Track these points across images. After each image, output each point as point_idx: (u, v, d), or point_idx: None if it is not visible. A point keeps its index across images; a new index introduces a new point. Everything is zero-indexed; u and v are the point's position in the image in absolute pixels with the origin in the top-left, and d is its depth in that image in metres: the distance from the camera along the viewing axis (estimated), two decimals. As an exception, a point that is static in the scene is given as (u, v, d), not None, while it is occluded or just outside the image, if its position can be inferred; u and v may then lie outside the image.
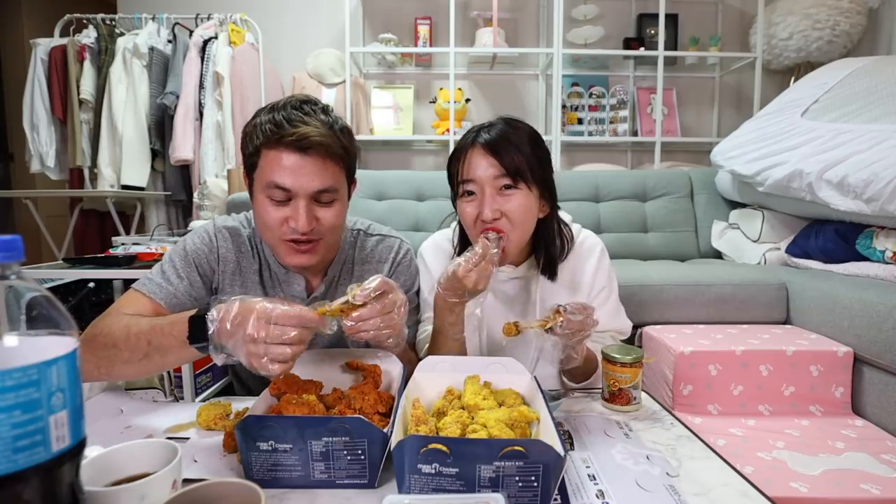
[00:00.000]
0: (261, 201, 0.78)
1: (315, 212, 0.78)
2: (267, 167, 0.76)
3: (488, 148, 0.85)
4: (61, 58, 2.50)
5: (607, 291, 0.99)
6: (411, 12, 2.80)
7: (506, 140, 0.85)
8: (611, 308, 0.99)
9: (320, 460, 0.55)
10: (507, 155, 0.84)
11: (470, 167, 0.86)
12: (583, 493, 0.56)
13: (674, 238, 2.03)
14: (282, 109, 0.76)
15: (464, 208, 0.89)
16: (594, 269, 0.97)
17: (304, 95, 0.81)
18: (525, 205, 0.85)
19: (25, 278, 0.37)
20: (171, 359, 0.69)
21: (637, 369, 0.80)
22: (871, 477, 0.94)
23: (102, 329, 0.72)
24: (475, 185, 0.86)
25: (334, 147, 0.77)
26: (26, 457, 0.33)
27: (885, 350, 1.14)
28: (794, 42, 2.54)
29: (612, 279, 1.00)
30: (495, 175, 0.84)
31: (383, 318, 0.65)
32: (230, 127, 2.50)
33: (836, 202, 1.41)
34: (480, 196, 0.86)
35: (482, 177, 0.85)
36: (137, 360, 0.68)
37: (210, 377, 1.55)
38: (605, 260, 0.99)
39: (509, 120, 0.90)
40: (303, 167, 0.75)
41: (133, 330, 0.69)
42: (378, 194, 1.98)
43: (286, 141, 0.74)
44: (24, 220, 2.96)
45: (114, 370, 0.70)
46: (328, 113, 0.80)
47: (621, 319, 1.01)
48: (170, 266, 0.84)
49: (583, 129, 2.82)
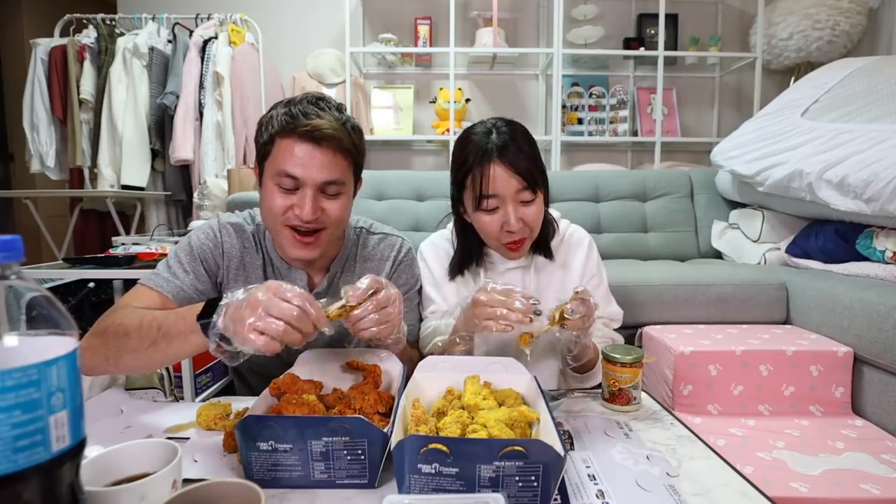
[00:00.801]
0: (269, 188, 0.81)
1: (321, 202, 0.80)
2: (279, 155, 0.79)
3: (506, 162, 0.87)
4: (61, 58, 2.50)
5: (598, 279, 1.03)
6: (411, 12, 2.80)
7: (518, 149, 0.88)
8: (602, 295, 1.04)
9: (320, 460, 0.55)
10: (524, 166, 0.88)
11: (493, 183, 0.88)
12: (583, 493, 0.56)
13: (674, 238, 2.03)
14: (298, 104, 0.80)
15: (483, 219, 0.91)
16: (584, 257, 1.03)
17: (320, 93, 0.84)
18: (540, 210, 0.92)
19: (25, 278, 0.37)
20: (175, 346, 0.69)
21: (637, 369, 0.80)
22: (871, 477, 0.94)
23: (115, 320, 0.73)
24: (497, 200, 0.89)
25: (345, 141, 0.80)
26: (26, 457, 0.33)
27: (885, 350, 1.14)
28: (794, 42, 2.54)
29: (601, 268, 1.05)
30: (518, 188, 0.88)
31: (380, 314, 0.68)
32: (230, 127, 2.50)
33: (836, 202, 1.41)
34: (503, 208, 0.89)
35: (505, 192, 0.88)
36: (144, 349, 0.69)
37: (210, 377, 1.55)
38: (594, 249, 1.05)
39: (509, 123, 0.92)
40: (313, 157, 0.78)
41: (147, 318, 0.71)
42: (378, 194, 1.99)
43: (300, 131, 0.77)
44: (24, 220, 2.96)
45: (121, 360, 0.71)
46: (342, 111, 0.84)
47: (613, 306, 1.06)
48: (175, 261, 0.85)
49: (583, 129, 2.82)
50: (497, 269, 1.01)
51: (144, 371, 0.78)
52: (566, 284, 1.00)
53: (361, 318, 0.67)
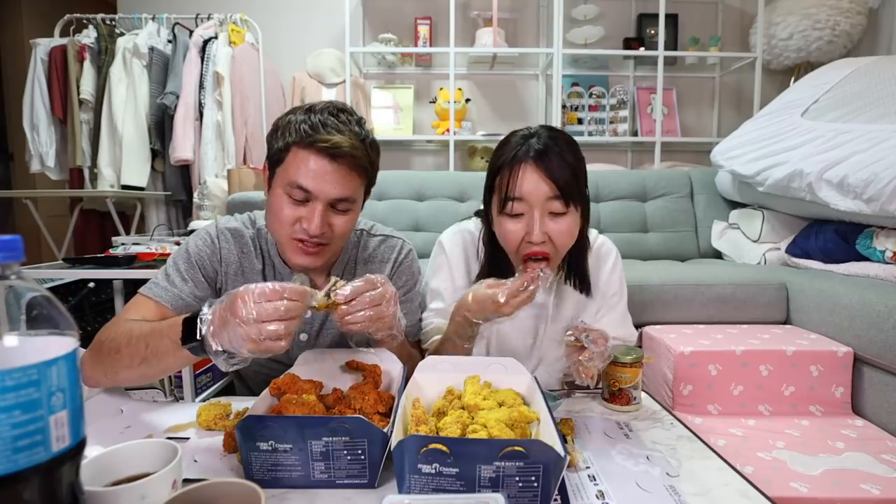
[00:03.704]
0: (279, 196, 0.79)
1: (329, 218, 0.79)
2: (293, 166, 0.77)
3: (542, 165, 0.80)
4: (61, 58, 2.50)
5: (618, 297, 0.99)
6: (411, 12, 2.80)
7: (559, 156, 0.81)
8: (619, 315, 1.00)
9: (320, 460, 0.55)
10: (560, 174, 0.80)
11: (522, 184, 0.80)
12: (583, 494, 0.56)
13: (674, 238, 2.03)
14: (319, 113, 0.78)
15: (506, 225, 0.84)
16: (608, 275, 0.98)
17: (342, 103, 0.82)
18: (571, 229, 0.83)
19: (25, 278, 0.37)
20: (167, 363, 0.69)
21: (637, 369, 0.80)
22: (871, 477, 0.94)
23: (109, 335, 0.73)
24: (524, 205, 0.81)
25: (362, 160, 0.79)
26: (26, 457, 0.33)
27: (885, 350, 1.14)
28: (794, 42, 2.54)
29: (623, 286, 1.00)
30: (548, 196, 0.80)
31: (374, 310, 0.66)
32: (230, 127, 2.50)
33: (836, 202, 1.41)
34: (529, 217, 0.81)
35: (534, 197, 0.80)
36: (137, 365, 0.69)
37: (210, 377, 1.55)
38: (618, 266, 1.00)
39: (552, 130, 0.85)
40: (328, 174, 0.76)
41: (135, 334, 0.70)
42: (378, 194, 1.99)
43: (318, 146, 0.75)
44: (24, 220, 2.96)
45: (118, 376, 0.72)
46: (362, 126, 0.81)
47: (627, 327, 1.01)
48: (174, 269, 0.85)
49: (583, 129, 2.82)
50: None
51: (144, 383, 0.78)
52: (587, 301, 0.97)
53: (350, 312, 0.66)
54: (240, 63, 2.53)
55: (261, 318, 0.57)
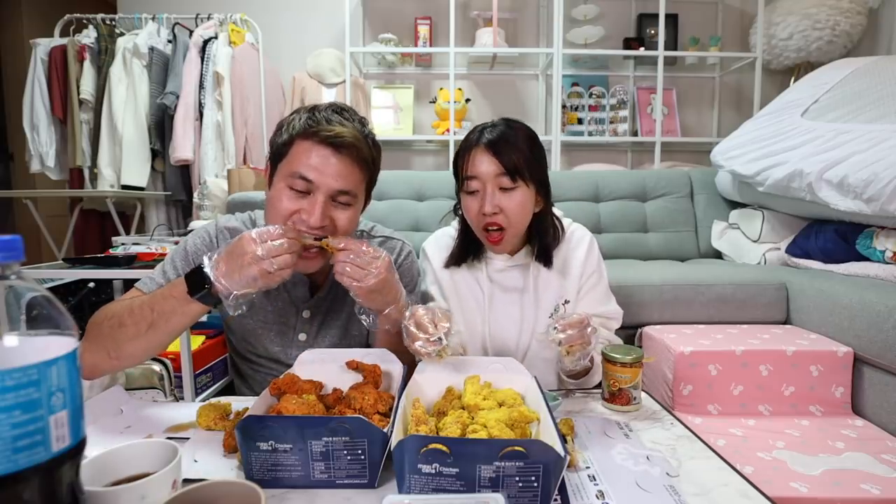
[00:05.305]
0: (279, 190, 0.80)
1: (330, 211, 0.79)
2: (296, 157, 0.78)
3: (491, 148, 0.90)
4: (61, 58, 2.50)
5: (597, 276, 1.03)
6: (411, 12, 2.80)
7: (506, 140, 0.91)
8: (600, 293, 1.03)
9: (320, 460, 0.55)
10: (508, 155, 0.90)
11: (474, 165, 0.92)
12: (583, 494, 0.56)
13: (674, 238, 2.03)
14: (323, 111, 0.80)
15: (467, 202, 0.95)
16: (584, 256, 1.02)
17: (345, 104, 0.85)
18: (522, 202, 0.92)
19: (25, 278, 0.37)
20: (175, 322, 0.71)
21: (637, 369, 0.80)
22: (871, 477, 0.94)
23: (106, 314, 0.74)
24: (478, 182, 0.91)
25: (364, 152, 0.81)
26: (26, 457, 0.33)
27: (885, 350, 1.14)
28: (794, 42, 2.54)
29: (601, 266, 1.05)
30: (496, 173, 0.90)
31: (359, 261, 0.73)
32: (230, 127, 2.50)
33: (836, 202, 1.41)
34: (482, 192, 0.91)
35: (484, 174, 0.90)
36: (144, 333, 0.70)
37: (210, 377, 1.54)
38: (594, 248, 1.05)
39: (509, 121, 0.95)
40: (330, 164, 0.78)
41: (136, 304, 0.72)
42: (378, 194, 1.98)
43: (321, 136, 0.77)
44: (24, 220, 2.96)
45: (123, 351, 0.72)
46: (364, 124, 0.84)
47: (612, 305, 1.05)
48: (171, 266, 0.85)
49: (583, 129, 2.82)
50: (496, 266, 1.01)
51: (148, 356, 0.78)
52: (566, 284, 1.00)
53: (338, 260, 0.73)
54: (240, 63, 2.53)
55: (270, 254, 0.67)
